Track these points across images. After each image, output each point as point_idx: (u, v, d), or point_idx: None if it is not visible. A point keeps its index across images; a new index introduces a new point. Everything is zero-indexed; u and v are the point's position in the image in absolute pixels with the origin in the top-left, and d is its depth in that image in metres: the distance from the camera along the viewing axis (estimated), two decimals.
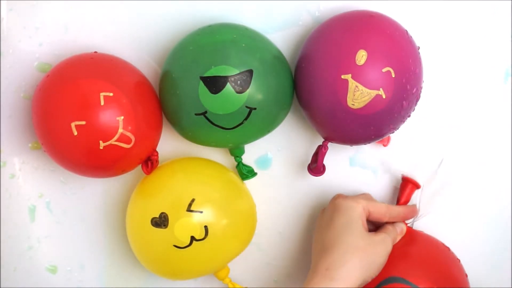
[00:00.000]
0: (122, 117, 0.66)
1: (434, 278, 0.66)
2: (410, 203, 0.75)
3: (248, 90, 0.66)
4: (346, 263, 0.63)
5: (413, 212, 0.73)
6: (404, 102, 0.67)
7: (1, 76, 0.74)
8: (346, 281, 0.62)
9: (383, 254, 0.66)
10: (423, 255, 0.69)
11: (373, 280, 0.65)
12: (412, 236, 0.71)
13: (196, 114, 0.67)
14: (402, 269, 0.66)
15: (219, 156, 0.78)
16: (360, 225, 0.66)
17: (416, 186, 0.75)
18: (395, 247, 0.68)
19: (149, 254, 0.72)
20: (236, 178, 0.76)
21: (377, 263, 0.65)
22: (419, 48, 0.70)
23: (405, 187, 0.75)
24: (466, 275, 0.71)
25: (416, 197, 0.75)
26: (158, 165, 0.74)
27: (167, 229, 0.68)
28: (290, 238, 0.81)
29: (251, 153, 0.77)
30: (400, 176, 0.77)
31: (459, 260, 0.72)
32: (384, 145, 0.77)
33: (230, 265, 0.76)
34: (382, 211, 0.70)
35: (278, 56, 0.71)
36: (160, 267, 0.72)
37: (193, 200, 0.68)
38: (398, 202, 0.74)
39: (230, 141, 0.72)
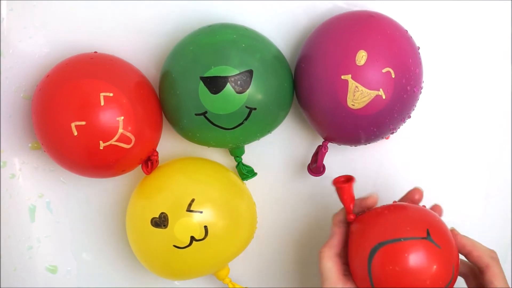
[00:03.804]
0: (122, 117, 0.66)
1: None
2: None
3: (248, 90, 0.66)
4: None
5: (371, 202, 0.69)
6: (404, 102, 0.67)
7: (1, 76, 0.74)
8: None
9: None
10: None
11: (362, 251, 0.62)
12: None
13: (196, 114, 0.67)
14: (391, 231, 0.61)
15: (219, 156, 0.78)
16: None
17: (349, 180, 0.68)
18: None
19: (149, 254, 0.72)
20: (236, 178, 0.76)
21: None
22: (419, 48, 0.70)
23: (342, 191, 0.68)
24: None
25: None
26: (158, 165, 0.74)
27: (167, 229, 0.68)
28: (290, 238, 0.81)
29: (251, 153, 0.77)
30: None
31: None
32: (386, 138, 0.76)
33: (230, 265, 0.76)
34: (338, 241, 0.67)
35: (278, 56, 0.71)
36: (160, 267, 0.72)
37: (193, 200, 0.68)
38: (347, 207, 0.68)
39: (230, 141, 0.72)
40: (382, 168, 0.79)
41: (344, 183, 0.67)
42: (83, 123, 0.64)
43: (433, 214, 0.64)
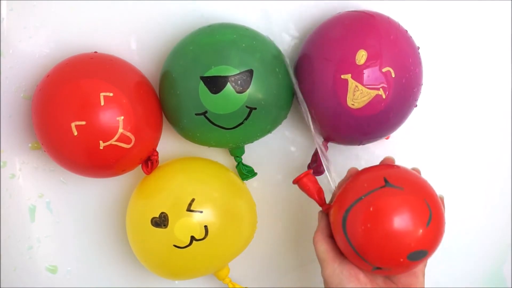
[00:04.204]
0: (122, 117, 0.66)
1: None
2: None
3: (248, 90, 0.66)
4: None
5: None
6: (404, 101, 0.67)
7: (1, 76, 0.74)
8: None
9: None
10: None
11: (337, 225, 0.60)
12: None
13: (196, 114, 0.67)
14: (352, 196, 0.60)
15: (219, 156, 0.78)
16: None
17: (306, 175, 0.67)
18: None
19: (149, 254, 0.72)
20: (236, 178, 0.76)
21: None
22: (418, 48, 0.70)
23: (301, 185, 0.67)
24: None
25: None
26: (158, 165, 0.74)
27: (167, 229, 0.68)
28: (290, 238, 0.81)
29: (251, 153, 0.77)
30: None
31: None
32: (386, 138, 0.76)
33: (230, 265, 0.76)
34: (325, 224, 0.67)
35: (278, 56, 0.71)
36: (160, 267, 0.72)
37: (193, 200, 0.68)
38: (319, 199, 0.67)
39: (230, 141, 0.72)
40: None
41: (300, 178, 0.66)
42: (83, 123, 0.64)
43: (388, 165, 0.63)
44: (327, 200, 0.68)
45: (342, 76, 0.65)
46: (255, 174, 0.77)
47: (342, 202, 0.60)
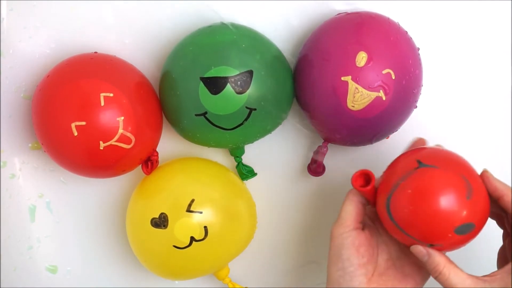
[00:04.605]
0: (122, 118, 0.66)
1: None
2: None
3: (248, 91, 0.66)
4: None
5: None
6: (404, 103, 0.67)
7: (1, 76, 0.74)
8: None
9: None
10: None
11: (383, 211, 0.60)
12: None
13: (196, 115, 0.67)
14: (390, 184, 0.60)
15: (219, 156, 0.78)
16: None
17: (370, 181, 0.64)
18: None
19: (149, 255, 0.72)
20: (236, 178, 0.76)
21: None
22: (419, 49, 0.70)
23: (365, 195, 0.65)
24: None
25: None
26: (158, 165, 0.74)
27: (166, 229, 0.68)
28: (290, 238, 0.81)
29: (251, 153, 0.77)
30: None
31: None
32: (386, 137, 0.76)
33: (230, 265, 0.76)
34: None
35: (278, 57, 0.71)
36: (160, 267, 0.72)
37: (192, 201, 0.68)
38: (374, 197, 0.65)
39: (230, 142, 0.72)
40: (382, 168, 0.79)
41: (364, 185, 0.63)
42: (83, 123, 0.64)
43: (420, 147, 0.63)
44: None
45: (342, 78, 0.65)
46: (255, 174, 0.77)
47: (383, 192, 0.60)
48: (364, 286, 0.63)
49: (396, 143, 0.77)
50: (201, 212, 0.68)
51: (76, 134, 0.64)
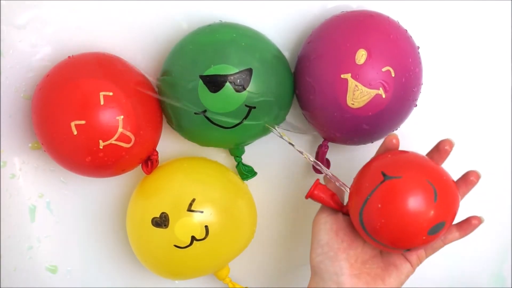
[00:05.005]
0: (122, 117, 0.66)
1: None
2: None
3: (247, 89, 0.66)
4: None
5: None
6: (404, 101, 0.67)
7: (1, 76, 0.74)
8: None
9: None
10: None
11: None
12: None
13: (195, 113, 0.67)
14: (359, 199, 0.62)
15: (219, 156, 0.78)
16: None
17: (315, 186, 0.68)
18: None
19: (149, 254, 0.72)
20: (236, 177, 0.76)
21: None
22: (418, 47, 0.70)
23: (318, 197, 0.68)
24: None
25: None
26: (158, 165, 0.74)
27: (167, 229, 0.68)
28: (290, 238, 0.81)
29: (251, 153, 0.77)
30: None
31: None
32: None
33: (230, 265, 0.76)
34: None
35: (278, 56, 0.71)
36: (161, 267, 0.72)
37: (193, 200, 0.68)
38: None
39: (230, 141, 0.72)
40: None
41: (312, 191, 0.67)
42: (83, 122, 0.64)
43: (385, 154, 0.63)
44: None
45: (342, 76, 0.65)
46: (255, 174, 0.77)
47: (354, 207, 0.62)
48: (346, 271, 0.63)
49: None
50: (202, 212, 0.68)
51: (75, 133, 0.64)
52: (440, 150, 0.64)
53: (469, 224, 0.65)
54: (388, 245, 0.61)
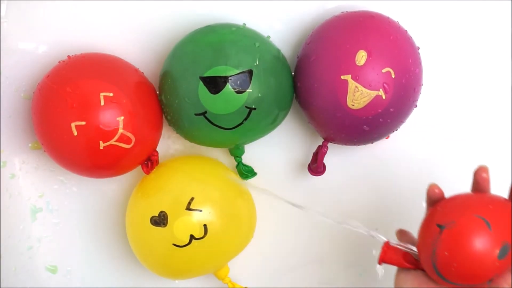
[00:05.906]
0: (122, 117, 0.66)
1: None
2: None
3: (247, 90, 0.66)
4: None
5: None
6: (404, 102, 0.67)
7: (1, 76, 0.74)
8: None
9: None
10: None
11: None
12: None
13: (196, 114, 0.67)
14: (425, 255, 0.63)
15: (219, 156, 0.78)
16: None
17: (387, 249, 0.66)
18: None
19: (148, 253, 0.72)
20: (235, 177, 0.76)
21: None
22: (419, 48, 0.70)
23: (391, 259, 0.67)
24: None
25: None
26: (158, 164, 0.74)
27: (166, 227, 0.68)
28: (290, 238, 0.81)
29: (251, 153, 0.77)
30: None
31: None
32: (386, 137, 0.76)
33: (230, 264, 0.76)
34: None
35: (278, 56, 0.71)
36: (160, 266, 0.72)
37: (192, 199, 0.68)
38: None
39: (230, 141, 0.72)
40: (382, 167, 0.79)
41: (384, 255, 0.66)
42: (83, 123, 0.64)
43: (435, 208, 0.64)
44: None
45: (342, 77, 0.65)
46: (255, 174, 0.77)
47: (426, 263, 0.64)
48: None
49: (396, 142, 0.78)
50: (200, 210, 0.68)
51: (76, 134, 0.64)
52: (479, 180, 0.64)
53: None
54: (471, 284, 0.62)
